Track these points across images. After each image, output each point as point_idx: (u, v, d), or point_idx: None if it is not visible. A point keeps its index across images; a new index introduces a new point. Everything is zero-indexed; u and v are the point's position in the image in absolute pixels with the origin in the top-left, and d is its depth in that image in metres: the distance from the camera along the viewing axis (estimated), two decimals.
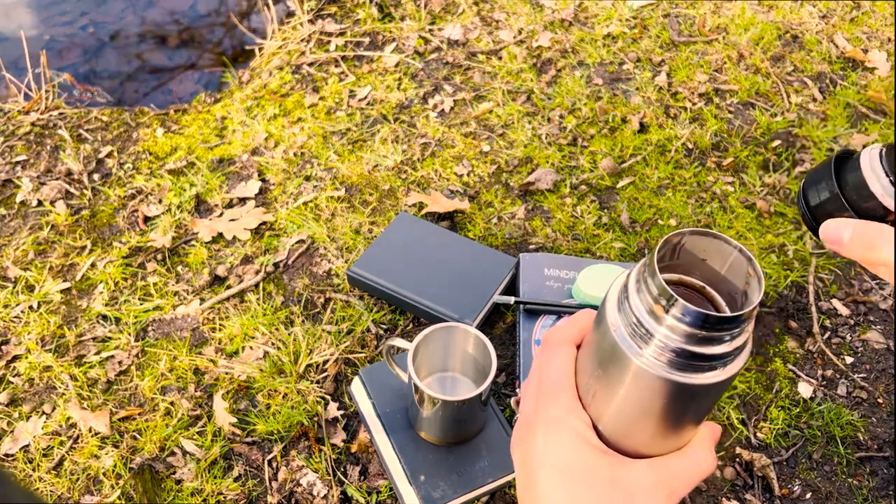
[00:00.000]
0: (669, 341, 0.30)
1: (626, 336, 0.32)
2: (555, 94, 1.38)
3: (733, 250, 0.32)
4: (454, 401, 0.73)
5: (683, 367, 0.31)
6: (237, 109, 1.40)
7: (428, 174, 1.22)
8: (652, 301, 0.30)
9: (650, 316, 0.31)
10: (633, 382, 0.33)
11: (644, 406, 0.34)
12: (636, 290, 0.31)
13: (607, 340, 0.33)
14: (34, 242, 1.15)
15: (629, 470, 0.37)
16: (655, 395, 0.32)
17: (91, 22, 1.94)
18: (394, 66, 1.47)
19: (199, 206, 1.20)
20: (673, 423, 0.35)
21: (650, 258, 0.31)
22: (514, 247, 1.09)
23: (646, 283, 0.31)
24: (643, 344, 0.31)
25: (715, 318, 0.29)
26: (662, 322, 0.30)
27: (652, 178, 1.20)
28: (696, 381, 0.31)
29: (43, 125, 1.39)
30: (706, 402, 0.34)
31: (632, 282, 0.32)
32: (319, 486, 0.83)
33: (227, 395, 0.92)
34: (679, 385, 0.31)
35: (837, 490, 0.83)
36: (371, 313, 1.00)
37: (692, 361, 0.31)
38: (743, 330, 0.31)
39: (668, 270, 0.34)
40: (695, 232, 0.32)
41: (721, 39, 1.50)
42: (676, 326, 0.30)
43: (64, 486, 0.85)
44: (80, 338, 1.01)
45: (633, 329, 0.32)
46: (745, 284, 0.32)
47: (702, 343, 0.30)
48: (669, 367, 0.31)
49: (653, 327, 0.31)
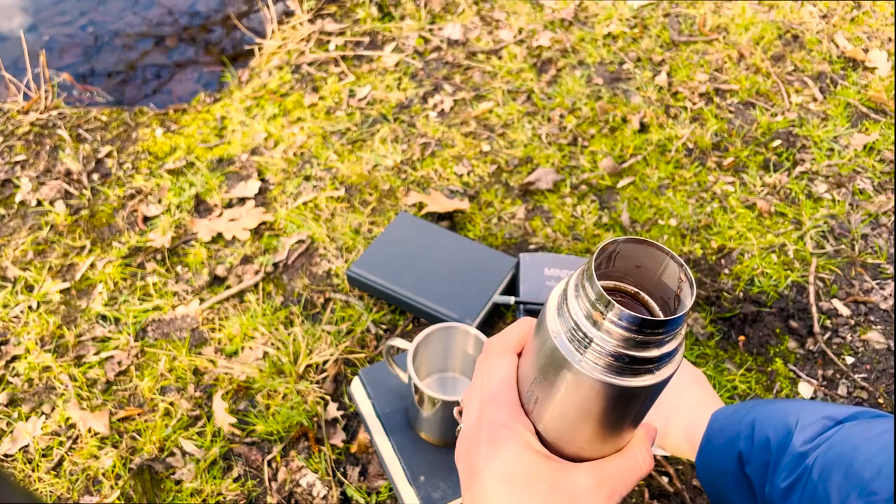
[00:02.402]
0: (606, 345, 0.31)
1: (565, 341, 0.33)
2: (555, 93, 1.38)
3: (665, 257, 0.33)
4: (454, 401, 0.73)
5: (620, 370, 0.32)
6: (236, 109, 1.40)
7: (428, 174, 1.22)
8: (589, 306, 0.31)
9: (588, 320, 0.32)
10: (572, 387, 0.34)
11: (583, 410, 0.35)
12: (575, 295, 0.33)
13: (547, 346, 0.34)
14: (33, 242, 1.15)
15: (570, 475, 0.38)
16: (594, 398, 0.34)
17: (90, 22, 1.94)
18: (393, 66, 1.47)
19: (199, 205, 1.20)
20: (611, 426, 0.36)
21: (588, 265, 0.32)
22: (514, 247, 1.09)
23: (584, 288, 0.32)
24: (581, 348, 0.32)
25: (649, 321, 0.30)
26: (600, 326, 0.31)
27: (652, 177, 1.20)
28: (632, 384, 0.32)
29: (42, 125, 1.38)
30: (642, 404, 0.35)
31: (570, 288, 0.33)
32: (319, 486, 0.83)
33: (226, 396, 0.92)
34: (616, 388, 0.32)
35: None
36: (371, 313, 1.00)
37: (628, 365, 0.32)
38: (676, 334, 0.32)
39: (605, 277, 0.35)
40: (629, 240, 0.33)
41: (721, 39, 1.50)
42: (613, 330, 0.31)
43: (63, 486, 0.85)
44: (79, 338, 1.00)
45: (572, 334, 0.33)
46: (678, 290, 0.33)
47: (637, 347, 0.31)
48: (606, 371, 0.32)
49: (591, 331, 0.32)
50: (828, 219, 1.13)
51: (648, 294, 0.35)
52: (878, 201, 1.15)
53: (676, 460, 0.84)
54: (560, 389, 0.35)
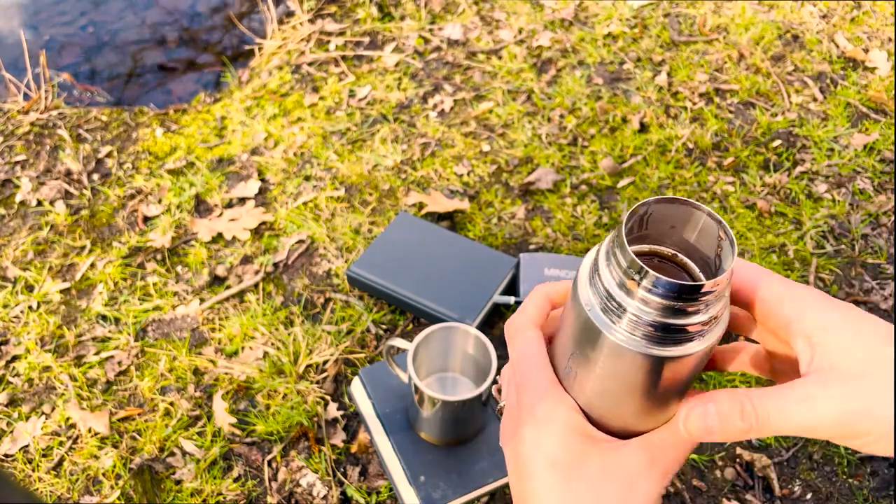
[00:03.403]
0: (643, 315, 0.29)
1: (599, 312, 0.31)
2: (555, 93, 1.38)
3: (702, 215, 0.31)
4: (454, 401, 0.73)
5: (661, 340, 0.30)
6: (237, 109, 1.40)
7: (428, 174, 1.22)
8: (622, 274, 0.29)
9: (621, 289, 0.30)
10: (611, 359, 0.32)
11: (626, 384, 0.33)
12: (606, 263, 0.30)
13: (581, 318, 0.32)
14: (33, 242, 1.15)
15: (620, 454, 0.36)
16: (635, 371, 0.31)
17: (90, 22, 1.94)
18: (394, 66, 1.47)
19: (199, 205, 1.20)
20: (659, 398, 0.34)
21: (618, 230, 0.29)
22: (514, 247, 1.09)
23: (615, 255, 0.30)
24: (617, 319, 0.30)
25: (688, 287, 0.28)
26: (635, 296, 0.29)
27: (652, 177, 1.20)
28: (675, 353, 0.30)
29: (42, 125, 1.38)
30: (688, 373, 0.33)
31: (601, 256, 0.31)
32: (319, 486, 0.83)
33: (226, 396, 0.92)
34: (659, 359, 0.30)
35: (838, 490, 0.83)
36: (371, 313, 1.00)
37: (669, 334, 0.30)
38: (719, 297, 0.30)
39: (638, 241, 0.33)
40: (661, 200, 0.31)
41: (721, 39, 1.50)
42: (649, 299, 0.29)
43: (63, 486, 0.85)
44: (79, 338, 1.00)
45: (606, 304, 0.30)
46: (718, 248, 0.31)
47: (677, 314, 0.29)
48: (647, 342, 0.30)
49: (625, 301, 0.30)
50: (828, 219, 1.13)
51: (686, 255, 0.33)
52: (879, 201, 1.15)
53: None
54: (598, 364, 0.32)
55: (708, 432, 0.33)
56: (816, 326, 0.32)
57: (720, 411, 0.33)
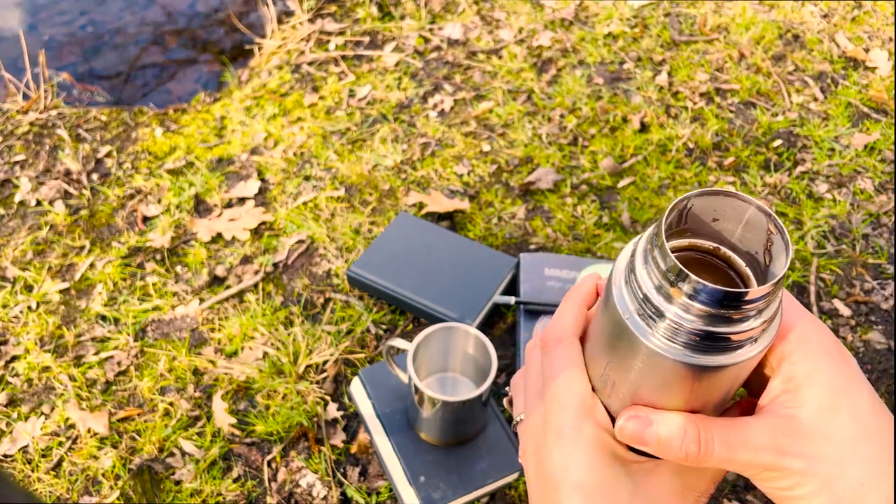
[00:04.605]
0: (684, 322, 0.26)
1: (635, 317, 0.28)
2: (555, 93, 1.37)
3: (748, 206, 0.28)
4: (454, 401, 0.73)
5: (704, 348, 0.27)
6: (236, 109, 1.40)
7: (428, 174, 1.22)
8: (661, 277, 0.27)
9: (660, 294, 0.27)
10: (649, 368, 0.29)
11: (664, 392, 0.30)
12: (643, 265, 0.28)
13: (616, 323, 0.29)
14: (33, 242, 1.14)
15: (652, 478, 0.35)
16: (675, 379, 0.29)
17: (90, 21, 1.94)
18: (394, 66, 1.47)
19: (199, 205, 1.20)
20: (704, 408, 0.31)
21: (657, 227, 0.27)
22: (515, 247, 1.09)
23: (653, 257, 0.27)
24: (655, 324, 0.28)
25: (734, 294, 0.25)
26: (675, 301, 0.26)
27: (653, 177, 1.20)
28: (719, 363, 0.27)
29: (42, 125, 1.38)
30: (733, 381, 0.30)
31: (638, 256, 0.28)
32: (319, 486, 0.83)
33: (226, 396, 0.92)
34: (700, 367, 0.28)
35: None
36: (371, 313, 1.00)
37: (713, 342, 0.27)
38: (770, 302, 0.27)
39: (677, 236, 0.30)
40: (703, 192, 0.28)
41: (722, 39, 1.50)
42: (691, 305, 0.26)
43: (63, 486, 0.85)
44: (78, 338, 1.00)
45: (643, 308, 0.28)
46: (767, 243, 0.28)
47: (723, 322, 0.26)
48: (687, 350, 0.27)
49: (664, 306, 0.27)
50: (828, 219, 1.13)
51: (731, 249, 0.30)
52: (879, 201, 1.15)
53: None
54: (637, 372, 0.30)
55: (640, 441, 0.32)
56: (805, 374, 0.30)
57: (662, 426, 0.31)
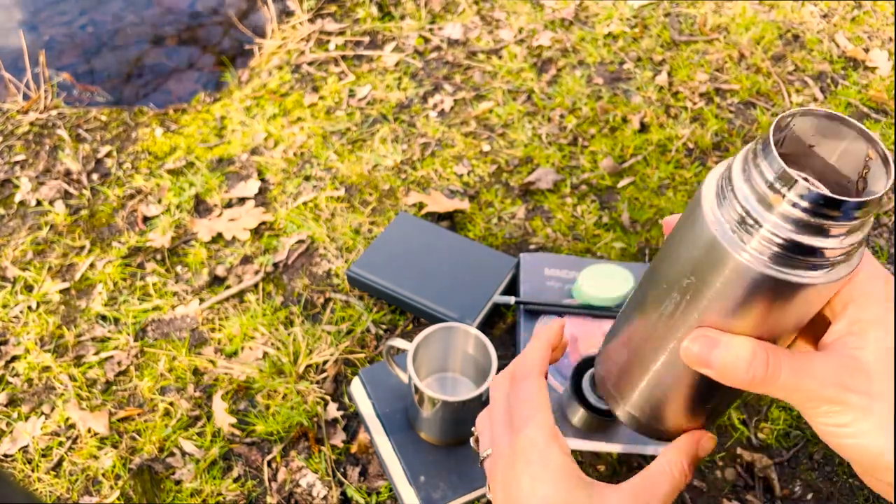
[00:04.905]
0: (780, 232, 0.28)
1: (727, 230, 0.29)
2: (555, 93, 1.37)
3: (850, 131, 0.29)
4: (454, 401, 0.73)
5: (792, 262, 0.28)
6: (236, 109, 1.40)
7: (428, 174, 1.22)
8: (764, 184, 0.28)
9: (761, 204, 0.28)
10: (731, 286, 0.30)
11: (739, 316, 0.31)
12: (743, 173, 0.29)
13: (703, 240, 0.30)
14: (33, 242, 1.14)
15: (612, 497, 0.39)
16: (756, 299, 0.30)
17: (90, 21, 1.94)
18: (394, 66, 1.47)
19: (199, 205, 1.20)
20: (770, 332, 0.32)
21: (766, 140, 0.28)
22: (514, 247, 1.09)
23: (757, 164, 0.28)
24: (748, 237, 0.29)
25: (838, 201, 0.26)
26: (774, 210, 0.28)
27: (653, 177, 1.20)
28: (805, 280, 0.28)
29: (42, 125, 1.38)
30: (809, 306, 0.31)
31: (736, 168, 0.29)
32: (319, 486, 0.83)
33: (226, 396, 0.92)
34: (784, 283, 0.29)
35: (838, 491, 0.83)
36: (371, 313, 1.00)
37: (804, 256, 0.28)
38: (864, 223, 0.28)
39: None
40: (807, 112, 0.29)
41: (722, 39, 1.50)
42: (792, 213, 0.27)
43: (63, 486, 0.85)
44: (78, 338, 1.00)
45: (738, 220, 0.29)
46: (864, 170, 0.29)
47: (818, 234, 0.27)
48: (776, 263, 0.28)
49: (763, 217, 0.28)
50: None
51: (820, 179, 0.31)
52: None
53: None
54: (715, 292, 0.31)
55: (703, 363, 0.33)
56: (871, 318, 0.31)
57: (731, 349, 0.32)
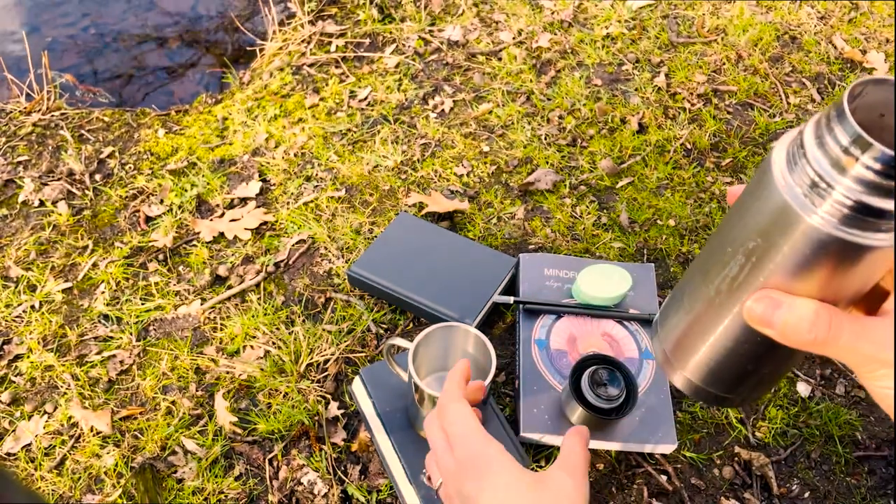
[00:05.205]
0: (852, 194, 0.29)
1: (798, 194, 0.30)
2: (554, 94, 1.38)
3: None
4: None
5: (866, 225, 0.29)
6: (238, 110, 1.41)
7: (428, 174, 1.22)
8: (838, 147, 0.29)
9: (834, 168, 0.29)
10: (799, 248, 0.31)
11: (804, 278, 0.32)
12: (815, 140, 0.30)
13: (772, 203, 0.32)
14: (36, 242, 1.15)
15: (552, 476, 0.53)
16: (824, 261, 0.31)
17: (92, 23, 1.95)
18: (394, 67, 1.47)
19: (201, 206, 1.20)
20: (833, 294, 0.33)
21: (839, 106, 0.29)
22: (514, 247, 1.10)
23: (830, 127, 0.29)
24: (820, 201, 0.30)
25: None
26: (848, 173, 0.29)
27: (651, 178, 1.21)
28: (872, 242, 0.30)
29: (45, 126, 1.39)
30: (874, 272, 0.32)
31: (808, 133, 0.30)
32: (320, 484, 0.84)
33: (227, 395, 0.92)
34: (855, 246, 0.30)
35: (836, 489, 0.83)
36: (371, 313, 1.00)
37: (873, 218, 0.29)
38: None
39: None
40: (879, 81, 0.30)
41: (720, 40, 1.51)
42: (865, 176, 0.28)
43: (65, 485, 0.86)
44: (81, 337, 1.01)
45: (811, 182, 0.30)
46: None
47: (888, 195, 0.28)
48: (848, 226, 0.29)
49: (836, 180, 0.29)
50: None
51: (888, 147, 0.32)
52: None
53: (675, 459, 0.85)
54: (782, 255, 0.32)
55: (766, 323, 0.34)
56: None
57: (794, 310, 0.33)
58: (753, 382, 0.40)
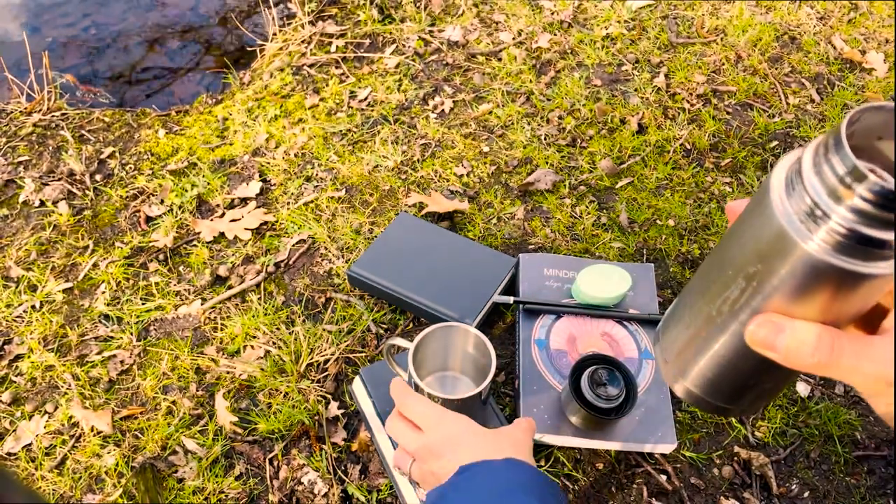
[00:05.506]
0: (849, 224, 0.29)
1: (796, 221, 0.30)
2: (554, 95, 1.38)
3: None
4: (454, 399, 0.74)
5: (862, 254, 0.29)
6: (238, 110, 1.41)
7: (428, 175, 1.23)
8: (835, 177, 0.29)
9: (831, 197, 0.29)
10: (796, 275, 0.31)
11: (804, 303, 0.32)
12: (813, 168, 0.30)
13: (771, 229, 0.32)
14: (36, 242, 1.15)
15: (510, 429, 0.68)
16: (822, 287, 0.31)
17: (93, 23, 1.95)
18: (394, 68, 1.48)
19: (201, 206, 1.20)
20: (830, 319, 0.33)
21: (837, 134, 0.29)
22: (514, 247, 1.10)
23: (828, 157, 0.29)
24: (816, 228, 0.30)
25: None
26: (844, 203, 0.29)
27: (650, 178, 1.21)
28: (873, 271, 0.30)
29: (45, 126, 1.39)
30: (872, 296, 0.32)
31: (806, 161, 0.30)
32: (320, 484, 0.84)
33: (228, 395, 0.93)
34: (853, 274, 0.30)
35: (835, 489, 0.84)
36: (371, 313, 1.00)
37: (873, 249, 0.29)
38: None
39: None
40: (878, 108, 0.30)
41: (719, 41, 1.51)
42: (861, 206, 0.28)
43: (66, 484, 0.86)
44: (82, 337, 1.01)
45: (807, 211, 0.30)
46: None
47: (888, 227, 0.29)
48: (845, 255, 0.29)
49: (831, 209, 0.29)
50: None
51: (887, 171, 0.32)
52: None
53: (674, 458, 0.85)
54: (780, 279, 0.32)
55: (769, 347, 0.34)
56: None
57: (796, 334, 0.33)
58: (754, 395, 0.41)
